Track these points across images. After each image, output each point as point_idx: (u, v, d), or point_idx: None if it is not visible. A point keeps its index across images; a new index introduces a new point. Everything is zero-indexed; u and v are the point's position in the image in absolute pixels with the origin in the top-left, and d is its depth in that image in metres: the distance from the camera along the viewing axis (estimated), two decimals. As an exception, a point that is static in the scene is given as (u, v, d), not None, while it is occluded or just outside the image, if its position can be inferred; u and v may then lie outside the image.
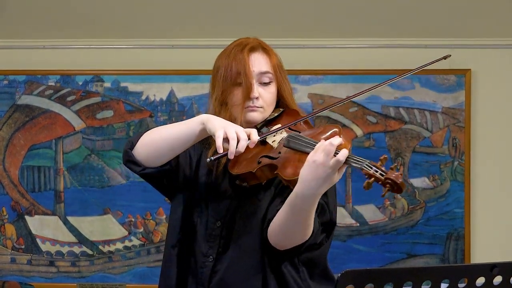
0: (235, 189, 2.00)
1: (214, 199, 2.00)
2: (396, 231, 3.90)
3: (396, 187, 1.72)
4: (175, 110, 3.98)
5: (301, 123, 2.00)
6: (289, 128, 1.97)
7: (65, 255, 3.99)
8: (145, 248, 3.97)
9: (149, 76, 3.99)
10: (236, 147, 1.82)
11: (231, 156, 1.81)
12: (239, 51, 2.03)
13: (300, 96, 3.86)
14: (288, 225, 1.83)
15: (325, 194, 1.90)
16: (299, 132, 1.95)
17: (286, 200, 1.84)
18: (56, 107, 4.01)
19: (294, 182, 1.81)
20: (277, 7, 3.82)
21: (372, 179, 1.72)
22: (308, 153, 1.80)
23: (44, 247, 4.00)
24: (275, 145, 1.94)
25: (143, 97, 3.99)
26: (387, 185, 1.72)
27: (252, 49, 2.04)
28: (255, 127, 2.01)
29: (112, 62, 4.01)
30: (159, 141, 1.96)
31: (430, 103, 3.91)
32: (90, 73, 4.01)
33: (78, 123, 4.01)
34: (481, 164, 3.91)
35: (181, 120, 4.03)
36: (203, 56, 3.98)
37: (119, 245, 3.98)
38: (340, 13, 3.83)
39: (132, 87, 4.00)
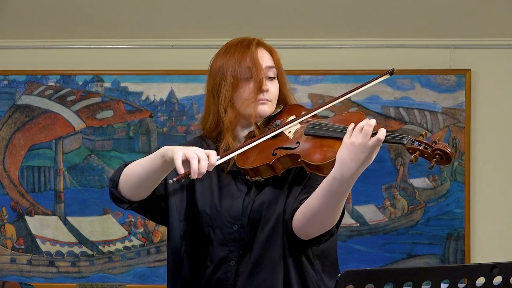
0: (245, 185, 2.00)
1: (224, 203, 1.99)
2: (396, 231, 3.90)
3: (446, 157, 1.76)
4: (175, 110, 3.98)
5: (310, 114, 2.02)
6: (303, 120, 2.00)
7: (65, 255, 3.99)
8: (145, 248, 3.97)
9: (149, 76, 3.99)
10: (199, 168, 1.81)
11: (194, 175, 1.80)
12: (245, 47, 2.06)
13: (300, 96, 3.86)
14: (323, 210, 1.85)
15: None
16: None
17: (321, 186, 1.85)
18: (56, 107, 4.01)
19: (321, 167, 1.85)
20: (277, 7, 3.82)
21: (418, 152, 1.77)
22: (334, 138, 1.85)
23: (44, 247, 4.00)
24: (291, 135, 1.96)
25: (143, 97, 3.99)
26: (436, 157, 1.76)
27: (258, 45, 2.08)
28: (256, 124, 2.02)
29: (112, 62, 4.01)
30: (133, 178, 1.96)
31: (430, 103, 3.91)
32: (90, 73, 4.01)
33: (78, 123, 4.01)
34: (481, 164, 3.91)
35: (181, 121, 4.06)
36: (203, 56, 3.97)
37: (119, 245, 3.98)
38: (340, 13, 3.83)
39: (132, 87, 4.00)
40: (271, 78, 2.05)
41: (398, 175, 3.88)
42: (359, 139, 1.77)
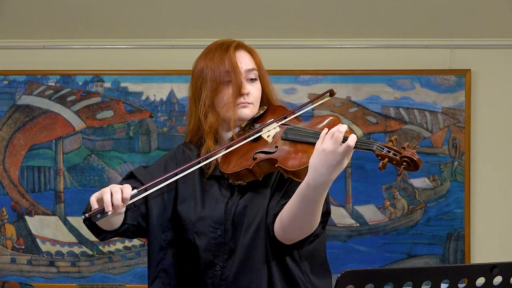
0: (228, 190, 1.99)
1: (207, 208, 1.99)
2: (396, 231, 3.90)
3: (413, 164, 1.75)
4: (175, 110, 3.98)
5: (291, 117, 2.02)
6: (283, 123, 1.99)
7: (65, 255, 3.99)
8: (145, 248, 3.96)
9: (149, 76, 3.99)
10: (112, 201, 1.81)
11: (107, 207, 1.80)
12: (224, 50, 2.04)
13: (300, 96, 3.86)
14: (300, 216, 1.85)
15: None
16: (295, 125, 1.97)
17: (296, 192, 1.85)
18: (56, 107, 4.01)
19: (298, 173, 1.84)
20: (277, 7, 3.82)
21: (386, 159, 1.76)
22: (309, 143, 1.84)
23: (44, 247, 4.00)
24: (269, 139, 1.96)
25: (143, 97, 3.99)
26: (404, 164, 1.75)
27: (237, 47, 2.06)
28: (240, 126, 2.02)
29: (112, 62, 4.01)
30: None
31: (430, 104, 3.91)
32: (90, 73, 4.01)
33: (78, 123, 4.01)
34: (481, 165, 3.91)
35: (181, 121, 4.06)
36: (203, 56, 4.00)
37: (119, 245, 3.98)
38: (340, 13, 3.83)
39: (132, 87, 4.00)
40: (252, 80, 2.04)
41: (398, 174, 3.87)
42: (330, 146, 1.76)
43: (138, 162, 3.96)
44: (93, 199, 1.84)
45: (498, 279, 1.59)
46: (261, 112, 2.06)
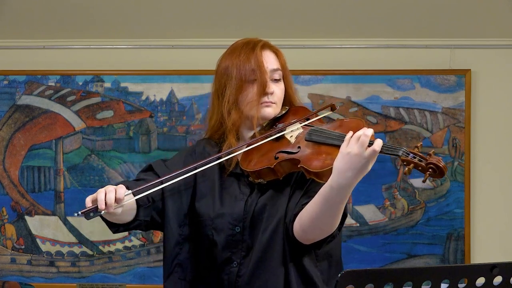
0: (248, 187, 2.01)
1: (227, 205, 2.00)
2: (396, 231, 3.90)
3: (438, 171, 1.77)
4: (175, 110, 3.98)
5: (315, 118, 2.04)
6: (306, 124, 2.01)
7: (65, 255, 3.99)
8: (145, 248, 3.97)
9: (149, 76, 3.99)
10: (105, 199, 1.83)
11: (101, 205, 1.82)
12: (250, 49, 2.06)
13: (300, 96, 3.83)
14: (321, 217, 1.86)
15: None
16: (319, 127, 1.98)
17: (318, 194, 1.86)
18: (56, 107, 4.01)
19: (320, 174, 1.86)
20: (277, 7, 3.82)
21: (412, 165, 1.78)
22: (333, 145, 1.87)
23: (44, 247, 4.00)
24: (292, 140, 1.98)
25: (143, 97, 3.99)
26: (429, 170, 1.77)
27: (264, 47, 2.08)
28: (261, 125, 2.04)
29: (112, 62, 4.01)
30: None
31: (430, 103, 3.91)
32: (90, 73, 4.01)
33: (78, 123, 4.01)
34: (481, 165, 3.91)
35: (181, 121, 4.06)
36: (203, 56, 4.00)
37: (119, 245, 3.98)
38: (340, 13, 3.83)
39: (132, 87, 4.00)
40: (276, 80, 2.06)
41: (398, 175, 3.88)
42: (355, 149, 1.78)
43: (138, 162, 3.96)
44: (88, 199, 1.86)
45: (498, 279, 1.59)
46: (283, 112, 2.08)
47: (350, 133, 1.82)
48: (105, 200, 1.82)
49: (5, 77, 4.04)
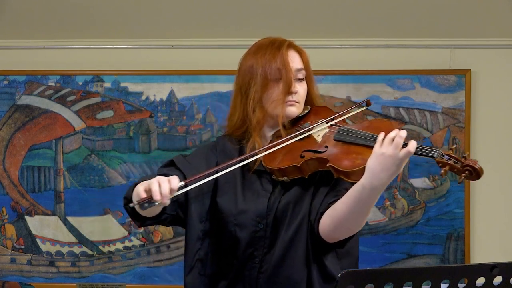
0: (270, 184, 2.02)
1: (250, 202, 2.02)
2: (396, 231, 3.90)
3: (475, 173, 1.80)
4: (175, 110, 3.98)
5: (340, 118, 2.06)
6: (332, 124, 2.03)
7: (65, 255, 3.99)
8: (145, 248, 3.97)
9: (149, 76, 3.99)
10: (160, 191, 1.82)
11: (157, 197, 1.80)
12: (276, 48, 2.08)
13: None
14: (351, 217, 1.89)
15: (351, 183, 1.95)
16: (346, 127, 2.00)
17: (349, 193, 1.88)
18: (56, 107, 4.01)
19: (350, 174, 1.88)
20: (277, 7, 3.82)
21: (447, 167, 1.80)
22: (364, 146, 1.89)
23: (44, 247, 4.00)
24: (319, 139, 1.99)
25: (143, 97, 3.99)
26: (466, 172, 1.80)
27: (289, 47, 2.11)
28: (283, 125, 2.05)
29: (112, 62, 4.01)
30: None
31: (430, 103, 3.91)
32: (90, 73, 4.01)
33: (78, 123, 4.01)
34: (481, 165, 3.90)
35: (181, 121, 4.06)
36: (203, 56, 4.00)
37: (119, 245, 3.98)
38: (340, 13, 3.83)
39: (132, 87, 4.00)
40: (300, 80, 2.08)
41: (398, 175, 3.88)
42: (390, 151, 1.80)
43: (138, 162, 3.96)
44: (141, 188, 1.83)
45: (498, 279, 1.59)
46: (305, 111, 2.10)
47: (382, 134, 1.84)
48: (159, 191, 1.81)
49: (5, 77, 4.04)
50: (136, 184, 1.98)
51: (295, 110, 2.06)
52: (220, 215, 2.03)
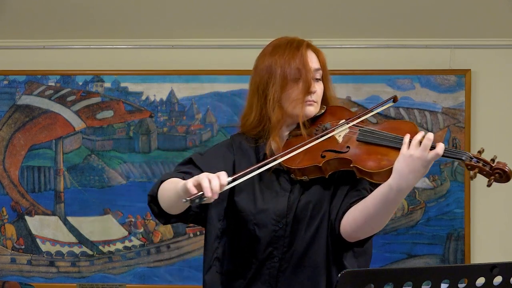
0: (288, 184, 2.03)
1: (269, 201, 2.02)
2: (396, 231, 3.90)
3: (504, 176, 1.83)
4: (175, 110, 3.98)
5: (361, 119, 2.07)
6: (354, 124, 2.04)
7: (65, 255, 3.99)
8: (145, 248, 3.97)
9: (149, 76, 3.99)
10: (210, 186, 1.81)
11: (207, 193, 1.79)
12: (295, 48, 2.10)
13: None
14: (376, 217, 1.91)
15: (371, 183, 1.97)
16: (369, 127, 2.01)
17: (375, 194, 1.90)
18: (56, 107, 4.01)
19: (375, 175, 1.90)
20: (277, 7, 3.82)
21: (476, 169, 1.84)
22: (389, 147, 1.91)
23: (44, 247, 4.00)
24: (340, 139, 2.00)
25: (143, 97, 3.99)
26: (496, 175, 1.83)
27: (308, 46, 2.13)
28: (303, 124, 2.05)
29: (112, 62, 4.01)
30: (167, 199, 1.98)
31: (430, 103, 3.91)
32: (90, 73, 4.01)
33: (78, 123, 4.01)
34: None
35: (181, 121, 4.05)
36: (203, 56, 4.00)
37: (119, 245, 3.98)
38: (340, 13, 3.83)
39: (132, 87, 4.00)
40: (317, 80, 2.09)
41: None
42: (418, 153, 1.83)
43: (138, 162, 3.96)
44: (191, 184, 1.81)
45: (498, 279, 1.59)
46: (322, 111, 2.11)
47: (408, 135, 1.86)
48: (210, 187, 1.80)
49: (5, 77, 4.04)
50: (162, 182, 1.99)
51: (313, 109, 2.07)
52: (238, 214, 2.04)
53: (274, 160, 1.98)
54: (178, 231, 3.94)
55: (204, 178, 1.81)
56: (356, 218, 1.94)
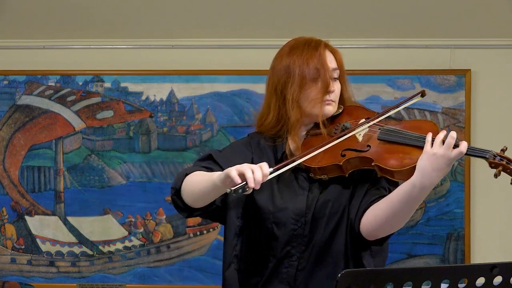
0: (307, 182, 2.03)
1: (288, 200, 2.03)
2: (396, 231, 3.90)
3: None
4: (175, 110, 3.98)
5: (381, 118, 2.08)
6: (373, 123, 2.05)
7: (65, 255, 3.99)
8: (145, 248, 3.97)
9: (149, 76, 3.99)
10: (254, 177, 1.82)
11: (251, 183, 1.80)
12: (313, 48, 2.11)
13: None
14: (397, 215, 1.93)
15: (389, 181, 2.00)
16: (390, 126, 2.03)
17: (397, 192, 1.91)
18: (56, 107, 4.01)
19: (397, 173, 1.91)
20: (277, 7, 3.82)
21: (500, 167, 1.87)
22: (410, 146, 1.92)
23: (44, 247, 4.00)
24: (360, 138, 2.01)
25: (143, 97, 3.99)
26: None
27: (326, 46, 2.13)
28: (323, 124, 2.06)
29: (112, 62, 4.01)
30: (194, 191, 1.99)
31: (430, 103, 3.91)
32: (90, 73, 4.01)
33: (78, 123, 4.01)
34: (481, 164, 3.90)
35: (181, 121, 4.05)
36: (203, 56, 4.00)
37: (119, 245, 3.97)
38: (340, 13, 3.83)
39: (132, 87, 4.00)
40: (335, 79, 2.11)
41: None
42: (442, 151, 1.84)
43: (138, 162, 3.96)
44: (235, 173, 1.82)
45: (498, 279, 1.59)
46: (339, 111, 2.12)
47: (430, 134, 1.88)
48: (253, 177, 1.81)
49: (5, 77, 4.04)
50: (186, 175, 2.00)
51: (331, 109, 2.09)
52: (257, 212, 2.04)
53: (307, 154, 1.98)
54: (178, 231, 3.94)
55: (247, 168, 1.82)
56: (377, 216, 1.94)
